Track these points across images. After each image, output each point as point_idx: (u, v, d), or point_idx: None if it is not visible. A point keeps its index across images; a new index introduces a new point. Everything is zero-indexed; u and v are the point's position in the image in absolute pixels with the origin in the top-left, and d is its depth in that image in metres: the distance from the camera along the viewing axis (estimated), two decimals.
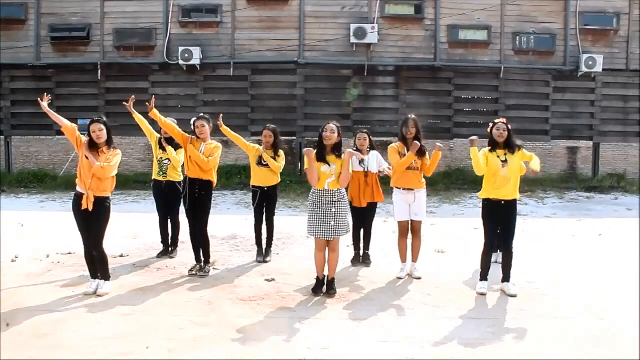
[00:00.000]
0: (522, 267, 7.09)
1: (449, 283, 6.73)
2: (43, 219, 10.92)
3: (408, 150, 6.87)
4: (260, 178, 7.68)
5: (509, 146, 6.28)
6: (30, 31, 17.55)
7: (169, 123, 7.05)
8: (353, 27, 16.82)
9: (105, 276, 6.26)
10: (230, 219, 10.81)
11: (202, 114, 7.22)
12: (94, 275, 6.25)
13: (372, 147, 7.55)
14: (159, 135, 7.86)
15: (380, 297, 6.18)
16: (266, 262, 7.62)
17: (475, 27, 17.49)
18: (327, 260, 6.24)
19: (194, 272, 6.96)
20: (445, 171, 16.82)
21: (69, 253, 7.86)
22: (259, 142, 7.83)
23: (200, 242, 7.06)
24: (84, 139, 6.18)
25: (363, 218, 7.56)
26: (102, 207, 6.07)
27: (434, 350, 4.71)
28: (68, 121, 6.30)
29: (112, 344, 4.75)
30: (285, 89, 17.53)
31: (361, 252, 7.68)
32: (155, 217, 8.06)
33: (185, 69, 17.09)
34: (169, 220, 7.96)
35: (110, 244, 7.73)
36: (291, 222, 10.35)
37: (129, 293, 6.21)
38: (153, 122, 7.25)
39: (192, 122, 7.08)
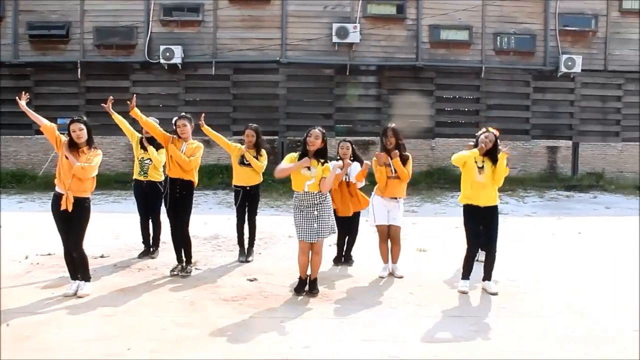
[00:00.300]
0: (503, 266, 7.15)
1: (431, 281, 6.77)
2: (22, 220, 10.78)
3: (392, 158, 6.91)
4: (243, 178, 7.64)
5: (490, 156, 6.32)
6: (7, 29, 17.30)
7: (150, 122, 7.00)
8: (335, 26, 16.85)
9: (86, 277, 6.19)
10: (212, 219, 10.77)
11: (183, 113, 7.15)
12: (74, 277, 6.18)
13: (355, 158, 7.47)
14: (139, 135, 7.79)
15: (363, 296, 6.20)
16: (248, 261, 7.60)
17: (457, 27, 17.61)
18: (309, 262, 6.24)
19: (175, 272, 6.91)
20: (427, 170, 16.92)
21: (49, 254, 7.77)
22: (241, 142, 7.78)
23: (182, 242, 6.99)
24: (64, 138, 6.11)
25: (349, 226, 7.52)
26: (81, 207, 6.00)
27: (417, 349, 4.74)
28: (47, 120, 6.21)
29: (94, 345, 4.71)
30: (268, 89, 17.51)
31: (343, 252, 7.69)
32: (136, 217, 8.00)
33: (166, 67, 16.99)
34: (150, 220, 7.89)
35: (91, 244, 7.65)
36: (273, 221, 10.34)
37: (110, 294, 6.16)
38: (134, 122, 7.18)
39: (173, 122, 7.01)
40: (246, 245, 7.81)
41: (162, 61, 16.67)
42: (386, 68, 17.55)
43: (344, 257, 7.66)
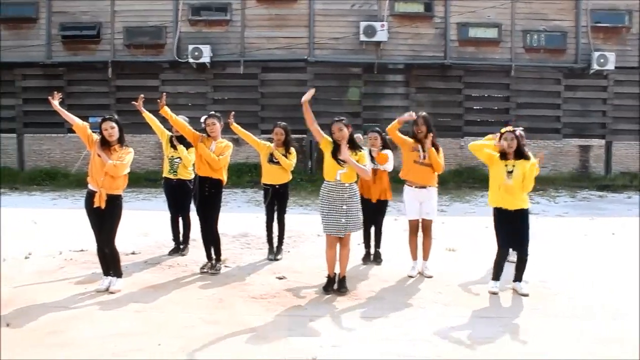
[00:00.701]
0: (535, 266, 7.04)
1: (460, 282, 6.70)
2: (55, 217, 10.98)
3: (423, 149, 6.85)
4: (271, 176, 7.64)
5: (518, 155, 6.18)
6: (41, 30, 17.67)
7: (180, 121, 7.06)
8: (362, 25, 16.80)
9: (117, 273, 6.29)
10: (241, 217, 10.83)
11: (212, 112, 7.18)
12: (106, 272, 6.28)
13: (385, 146, 7.51)
14: (169, 134, 7.84)
15: (391, 296, 6.16)
16: (277, 259, 7.63)
17: (486, 25, 17.43)
18: (338, 257, 6.21)
19: (205, 270, 6.98)
20: (456, 169, 16.78)
21: (81, 250, 7.89)
22: (270, 140, 7.79)
23: (211, 240, 7.06)
24: (96, 137, 6.21)
25: (373, 216, 7.47)
26: (114, 204, 6.09)
27: (445, 349, 4.69)
28: (79, 119, 6.32)
29: (124, 340, 4.77)
30: (295, 87, 17.49)
31: (372, 250, 7.66)
32: (166, 215, 8.08)
33: (195, 67, 17.14)
34: (180, 218, 7.97)
35: (122, 241, 7.76)
36: (302, 220, 10.36)
37: (140, 290, 6.23)
38: (164, 120, 7.25)
39: (202, 120, 7.07)
40: (275, 244, 7.84)
41: (190, 60, 16.83)
42: (414, 66, 17.45)
43: (373, 256, 7.62)
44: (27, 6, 17.65)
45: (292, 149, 7.75)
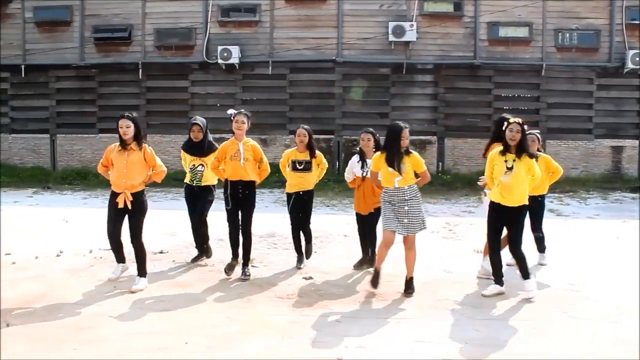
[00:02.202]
0: (564, 269, 6.93)
1: (488, 283, 6.60)
2: (86, 215, 11.16)
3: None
4: (296, 184, 7.22)
5: (520, 150, 5.97)
6: (74, 32, 18.01)
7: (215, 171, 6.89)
8: (391, 25, 16.73)
9: (142, 272, 6.35)
10: (268, 217, 10.86)
11: (242, 110, 6.91)
12: (119, 260, 6.48)
13: (377, 149, 6.77)
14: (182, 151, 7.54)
15: (418, 297, 6.11)
16: (300, 268, 7.21)
17: (516, 24, 17.19)
18: (405, 258, 6.22)
19: (227, 270, 6.78)
20: (483, 170, 16.54)
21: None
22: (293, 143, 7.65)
23: (244, 243, 6.81)
24: (111, 146, 6.41)
25: (367, 225, 7.09)
26: (138, 201, 6.23)
27: (472, 351, 4.64)
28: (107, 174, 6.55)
29: (151, 339, 4.82)
30: (324, 88, 17.56)
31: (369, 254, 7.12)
32: None
33: (224, 67, 17.26)
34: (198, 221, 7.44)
35: (150, 240, 7.85)
36: (329, 220, 10.35)
37: (168, 289, 6.29)
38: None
39: (230, 114, 6.75)
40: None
41: (219, 61, 16.95)
42: (443, 66, 17.31)
43: (370, 259, 7.04)
44: (61, 9, 17.98)
45: (318, 152, 7.30)
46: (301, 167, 7.16)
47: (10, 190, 15.18)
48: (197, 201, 7.35)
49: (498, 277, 6.24)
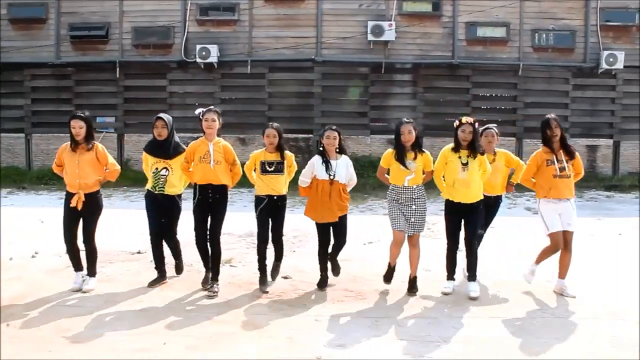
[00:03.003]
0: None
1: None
2: (62, 216, 11.00)
3: (557, 159, 6.15)
4: (268, 186, 6.31)
5: (473, 148, 6.08)
6: (50, 30, 17.75)
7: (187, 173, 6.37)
8: (370, 24, 16.77)
9: (93, 272, 6.31)
10: (247, 217, 10.80)
11: (212, 107, 6.44)
12: (77, 268, 6.31)
13: (341, 150, 6.43)
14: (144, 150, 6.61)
15: (398, 296, 6.15)
16: (265, 292, 6.22)
17: (494, 24, 17.35)
18: (409, 256, 6.25)
19: (207, 287, 6.26)
20: None
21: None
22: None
23: (213, 255, 6.28)
24: (63, 145, 6.36)
25: (336, 233, 6.41)
26: (92, 202, 6.17)
27: (450, 350, 4.68)
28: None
29: (131, 340, 4.79)
30: (303, 87, 17.55)
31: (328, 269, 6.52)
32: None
33: (202, 66, 17.17)
34: (165, 240, 6.62)
35: (128, 241, 7.80)
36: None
37: (147, 289, 6.25)
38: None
39: (200, 113, 6.28)
40: (269, 269, 6.53)
41: (198, 60, 16.86)
42: (422, 66, 17.41)
43: (331, 264, 6.51)
44: (37, 7, 17.73)
45: (288, 153, 6.50)
46: (272, 169, 6.29)
47: None
48: (162, 214, 6.47)
49: (451, 274, 6.34)
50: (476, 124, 6.13)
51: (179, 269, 6.82)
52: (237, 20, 17.43)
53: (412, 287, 6.24)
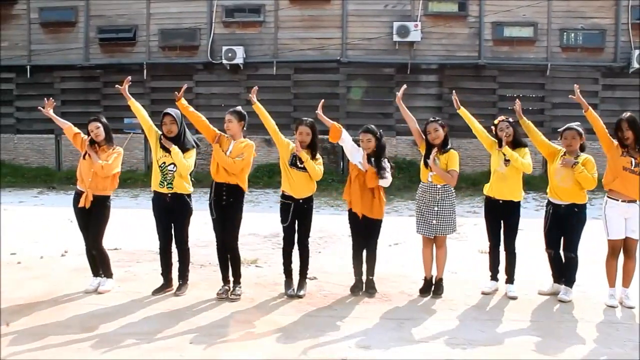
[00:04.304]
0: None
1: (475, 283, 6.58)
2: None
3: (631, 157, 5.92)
4: (294, 185, 6.02)
5: (516, 144, 6.20)
6: (79, 33, 18.06)
7: (196, 113, 6.18)
8: (396, 25, 16.69)
9: (108, 274, 6.32)
10: (272, 217, 10.84)
11: (236, 108, 6.39)
12: (95, 273, 6.32)
13: (378, 150, 6.31)
14: (159, 132, 6.25)
15: (423, 298, 6.11)
16: (299, 296, 6.06)
17: (521, 24, 17.14)
18: (434, 257, 6.20)
19: (223, 295, 6.00)
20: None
21: (115, 249, 7.98)
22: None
23: (231, 259, 6.11)
24: (84, 136, 6.35)
25: (367, 235, 6.23)
26: (101, 206, 6.15)
27: (476, 352, 4.63)
28: (66, 122, 6.54)
29: (156, 338, 4.83)
30: (328, 88, 17.53)
31: (364, 278, 6.30)
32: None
33: (228, 68, 17.28)
34: (175, 245, 6.27)
35: (150, 241, 7.87)
36: (333, 219, 10.33)
37: (172, 289, 6.29)
38: (154, 115, 6.72)
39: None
40: (295, 277, 6.26)
41: (224, 62, 16.97)
42: (447, 67, 17.28)
43: (365, 285, 6.25)
44: (66, 10, 18.04)
45: (319, 156, 6.23)
46: (301, 167, 6.00)
47: (15, 190, 15.24)
48: (171, 218, 6.14)
49: (494, 274, 6.32)
50: (509, 120, 6.25)
51: (180, 289, 6.17)
52: (263, 22, 17.50)
53: (438, 289, 6.19)
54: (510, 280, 6.23)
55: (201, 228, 7.56)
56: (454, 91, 6.64)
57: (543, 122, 16.84)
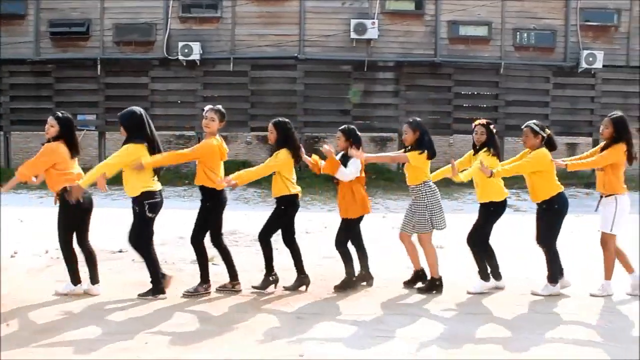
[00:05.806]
0: (520, 263, 7.09)
1: (447, 280, 6.69)
2: (42, 215, 10.89)
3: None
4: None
5: (487, 148, 6.42)
6: (30, 26, 17.52)
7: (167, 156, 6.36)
8: (353, 22, 16.79)
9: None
10: (229, 215, 10.77)
11: (219, 106, 6.62)
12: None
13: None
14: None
15: (379, 295, 6.18)
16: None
17: (476, 23, 17.48)
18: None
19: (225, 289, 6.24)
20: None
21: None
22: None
23: (222, 255, 6.34)
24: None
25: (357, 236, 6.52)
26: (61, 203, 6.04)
27: (433, 348, 4.71)
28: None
29: (112, 339, 4.75)
30: (285, 85, 17.54)
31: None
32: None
33: (185, 64, 17.07)
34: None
35: (110, 239, 7.76)
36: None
37: (128, 289, 6.20)
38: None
39: (204, 110, 6.52)
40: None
41: (180, 58, 16.75)
42: (404, 64, 17.48)
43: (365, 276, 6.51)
44: (16, 3, 17.49)
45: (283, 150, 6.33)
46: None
47: None
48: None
49: (486, 273, 6.41)
50: (491, 125, 6.40)
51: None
52: (220, 18, 17.36)
53: (410, 283, 6.38)
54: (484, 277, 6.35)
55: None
56: (481, 162, 6.05)
57: (497, 119, 17.20)
